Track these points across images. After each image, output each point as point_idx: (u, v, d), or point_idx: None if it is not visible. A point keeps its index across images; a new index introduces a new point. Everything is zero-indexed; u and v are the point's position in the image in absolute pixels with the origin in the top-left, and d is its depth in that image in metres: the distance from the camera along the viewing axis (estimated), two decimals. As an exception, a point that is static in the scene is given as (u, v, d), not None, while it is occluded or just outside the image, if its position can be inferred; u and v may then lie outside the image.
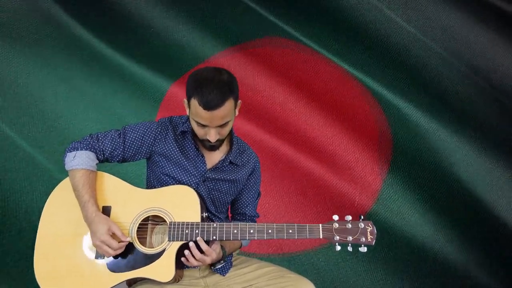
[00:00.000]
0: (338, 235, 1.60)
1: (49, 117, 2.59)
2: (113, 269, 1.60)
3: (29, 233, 1.64)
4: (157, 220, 1.68)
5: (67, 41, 2.70)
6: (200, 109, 1.55)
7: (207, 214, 1.70)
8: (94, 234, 1.59)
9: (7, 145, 2.55)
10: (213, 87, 1.54)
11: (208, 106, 1.54)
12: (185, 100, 1.66)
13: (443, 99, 2.84)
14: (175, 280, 1.62)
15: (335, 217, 1.61)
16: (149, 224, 1.68)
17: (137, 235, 1.64)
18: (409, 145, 2.80)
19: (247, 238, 1.62)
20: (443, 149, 2.79)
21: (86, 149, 1.67)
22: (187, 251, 1.59)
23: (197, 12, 2.83)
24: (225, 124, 1.62)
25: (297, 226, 1.61)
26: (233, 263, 1.80)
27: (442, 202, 2.74)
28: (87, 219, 1.61)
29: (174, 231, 1.60)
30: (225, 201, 1.82)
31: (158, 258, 1.60)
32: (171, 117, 1.80)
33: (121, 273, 1.60)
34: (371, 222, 1.63)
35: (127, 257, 1.62)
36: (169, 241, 1.60)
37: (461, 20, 2.79)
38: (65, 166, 1.67)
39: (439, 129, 2.80)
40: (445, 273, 2.70)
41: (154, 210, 1.65)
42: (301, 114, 2.88)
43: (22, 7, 2.65)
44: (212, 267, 1.71)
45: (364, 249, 1.61)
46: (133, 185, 1.71)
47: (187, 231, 1.60)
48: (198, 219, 1.62)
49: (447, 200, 2.74)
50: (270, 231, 1.61)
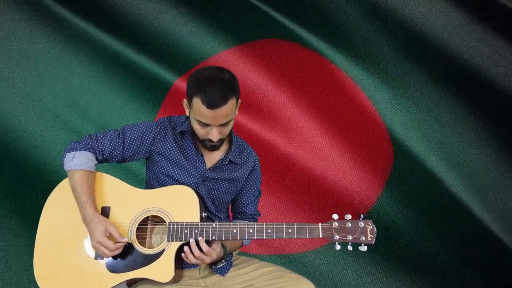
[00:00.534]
0: (337, 234, 1.59)
1: (47, 117, 2.59)
2: (112, 269, 1.60)
3: (30, 234, 1.63)
4: (157, 220, 1.68)
5: (65, 41, 2.69)
6: (203, 108, 1.55)
7: (206, 214, 1.70)
8: (91, 235, 1.59)
9: (1, 146, 2.55)
10: (216, 86, 1.55)
11: (211, 104, 1.54)
12: (184, 100, 1.66)
13: (440, 100, 2.84)
14: (175, 280, 1.62)
15: (335, 216, 1.60)
16: (148, 224, 1.68)
17: (137, 235, 1.63)
18: (409, 147, 2.80)
19: (247, 238, 1.62)
20: (441, 150, 2.80)
21: (85, 150, 1.67)
22: (186, 248, 1.58)
23: (196, 12, 2.83)
24: (227, 123, 1.62)
25: (297, 225, 1.60)
26: (233, 263, 1.80)
27: (440, 202, 2.74)
28: (85, 220, 1.61)
29: (173, 231, 1.60)
30: (225, 201, 1.81)
31: (157, 258, 1.59)
32: (170, 117, 1.80)
33: (121, 273, 1.59)
34: (371, 221, 1.62)
35: (126, 257, 1.61)
36: (168, 241, 1.60)
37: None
38: (64, 166, 1.67)
39: (438, 130, 2.81)
40: (445, 274, 2.69)
41: (153, 210, 1.65)
42: (301, 114, 2.88)
43: (22, 5, 2.66)
44: (213, 266, 1.71)
45: (364, 248, 1.60)
46: (132, 185, 1.70)
47: (186, 231, 1.60)
48: (197, 219, 1.62)
49: (445, 201, 2.74)
50: (269, 230, 1.61)
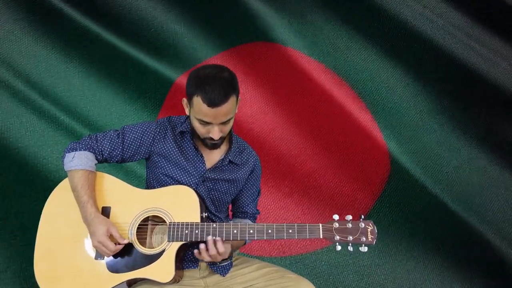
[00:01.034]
0: (338, 235, 1.59)
1: (48, 117, 2.59)
2: (112, 269, 1.60)
3: (27, 235, 1.63)
4: (157, 220, 1.68)
5: (65, 41, 2.70)
6: (204, 106, 1.55)
7: (206, 214, 1.70)
8: (92, 235, 1.59)
9: (2, 146, 2.56)
10: (217, 84, 1.55)
11: (212, 102, 1.54)
12: (184, 99, 1.65)
13: (438, 101, 2.84)
14: (175, 280, 1.61)
15: (336, 216, 1.60)
16: (148, 224, 1.68)
17: (137, 235, 1.63)
18: (405, 149, 2.81)
19: (247, 238, 1.62)
20: (439, 153, 2.80)
21: (85, 150, 1.67)
22: (202, 245, 1.58)
23: (196, 12, 2.85)
24: (228, 121, 1.62)
25: (297, 226, 1.60)
26: (233, 263, 1.79)
27: (438, 204, 2.74)
28: (86, 220, 1.61)
29: (173, 231, 1.60)
30: (225, 201, 1.81)
31: (157, 258, 1.59)
32: (170, 117, 1.80)
33: (121, 273, 1.59)
34: (372, 221, 1.62)
35: (126, 257, 1.61)
36: (168, 241, 1.60)
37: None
38: (64, 166, 1.67)
39: (435, 132, 2.81)
40: (444, 277, 2.68)
41: (153, 210, 1.64)
42: (300, 115, 2.89)
43: (22, 5, 2.67)
44: (215, 266, 1.71)
45: (364, 248, 1.60)
46: (133, 185, 1.70)
47: (186, 231, 1.59)
48: (197, 219, 1.62)
49: (441, 203, 2.74)
50: (270, 231, 1.60)
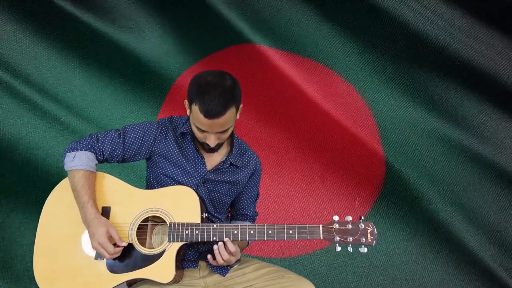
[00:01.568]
0: (338, 236, 1.59)
1: (49, 118, 2.59)
2: (112, 270, 1.60)
3: (28, 234, 1.63)
4: (157, 220, 1.68)
5: (66, 41, 2.71)
6: (200, 116, 1.54)
7: (207, 214, 1.70)
8: (92, 236, 1.58)
9: (3, 146, 2.56)
10: (216, 95, 1.52)
11: (209, 114, 1.53)
12: (186, 101, 1.65)
13: (436, 104, 2.85)
14: (175, 280, 1.61)
15: (335, 217, 1.60)
16: (148, 224, 1.68)
17: (137, 235, 1.63)
18: (401, 150, 2.82)
19: (247, 239, 1.62)
20: (436, 155, 2.81)
21: (85, 150, 1.67)
22: (216, 250, 1.58)
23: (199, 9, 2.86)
24: (225, 130, 1.61)
25: (298, 227, 1.60)
26: (233, 263, 1.80)
27: (436, 205, 2.75)
28: (85, 220, 1.60)
29: (174, 231, 1.60)
30: (225, 202, 1.81)
31: (158, 259, 1.59)
32: (171, 117, 1.80)
33: (121, 273, 1.59)
34: (372, 222, 1.62)
35: (127, 258, 1.61)
36: (169, 241, 1.60)
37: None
38: (64, 166, 1.67)
39: (432, 133, 2.81)
40: (443, 279, 2.69)
41: (154, 210, 1.65)
42: (294, 116, 2.91)
43: (23, 5, 2.67)
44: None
45: (364, 249, 1.60)
46: (133, 186, 1.70)
47: (187, 232, 1.59)
48: (198, 220, 1.62)
49: (441, 205, 2.75)
50: (270, 232, 1.61)
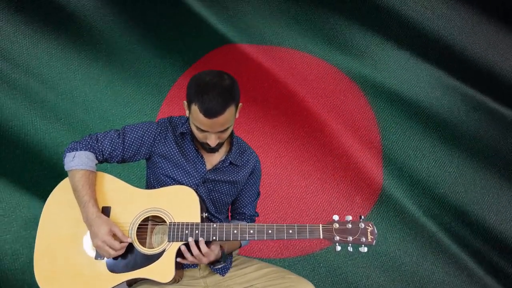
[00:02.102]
0: (338, 235, 1.60)
1: (50, 118, 2.60)
2: (113, 269, 1.60)
3: (34, 227, 1.63)
4: (157, 220, 1.68)
5: (66, 42, 2.72)
6: (200, 116, 1.55)
7: (207, 214, 1.70)
8: (95, 235, 1.58)
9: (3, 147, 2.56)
10: (215, 94, 1.53)
11: (209, 113, 1.53)
12: (185, 102, 1.65)
13: (434, 108, 2.86)
14: (175, 280, 1.62)
15: (335, 217, 1.61)
16: (148, 224, 1.68)
17: (137, 235, 1.63)
18: (402, 150, 2.82)
19: (247, 238, 1.62)
20: (435, 157, 2.81)
21: (85, 150, 1.67)
22: (183, 247, 1.58)
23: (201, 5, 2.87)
24: (225, 129, 1.62)
25: (297, 226, 1.61)
26: (234, 263, 1.79)
27: (434, 207, 2.75)
28: (87, 220, 1.61)
29: (174, 231, 1.60)
30: (225, 202, 1.81)
31: (158, 258, 1.59)
32: (171, 117, 1.80)
33: (121, 273, 1.59)
34: (372, 222, 1.62)
35: (127, 257, 1.61)
36: (169, 241, 1.60)
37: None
38: (65, 166, 1.67)
39: (431, 135, 2.82)
40: (443, 282, 2.69)
41: (153, 210, 1.65)
42: (293, 115, 2.91)
43: (23, 6, 2.67)
44: (211, 267, 1.71)
45: (364, 249, 1.60)
46: (133, 185, 1.70)
47: (187, 232, 1.60)
48: (198, 220, 1.62)
49: (440, 207, 2.75)
50: (270, 231, 1.61)
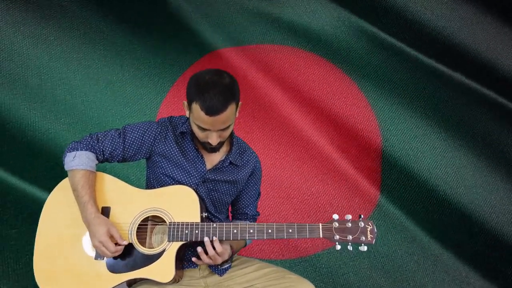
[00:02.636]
0: (338, 234, 1.60)
1: (50, 119, 2.61)
2: (112, 269, 1.60)
3: (28, 234, 1.64)
4: (157, 220, 1.68)
5: (66, 42, 2.72)
6: (202, 114, 1.55)
7: (206, 214, 1.70)
8: (93, 235, 1.59)
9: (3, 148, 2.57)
10: (215, 92, 1.54)
11: (210, 111, 1.54)
12: (185, 102, 1.66)
13: (434, 105, 2.86)
14: (175, 280, 1.62)
15: (335, 216, 1.61)
16: (148, 224, 1.68)
17: (137, 235, 1.63)
18: (403, 151, 2.82)
19: (247, 238, 1.62)
20: (438, 157, 2.81)
21: (85, 149, 1.67)
22: (200, 248, 1.58)
23: (190, 11, 2.86)
24: (227, 127, 1.62)
25: (297, 225, 1.61)
26: (233, 263, 1.79)
27: (435, 208, 2.75)
28: (86, 220, 1.61)
29: (173, 231, 1.60)
30: (225, 202, 1.81)
31: (158, 258, 1.59)
32: (171, 117, 1.80)
33: (121, 273, 1.59)
34: (371, 221, 1.63)
35: (127, 257, 1.61)
36: (169, 241, 1.60)
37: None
38: (65, 166, 1.67)
39: (431, 135, 2.82)
40: (444, 282, 2.69)
41: (153, 210, 1.65)
42: (298, 115, 2.91)
43: (23, 7, 2.68)
44: (212, 268, 1.71)
45: (364, 248, 1.61)
46: (133, 185, 1.70)
47: (186, 232, 1.60)
48: (197, 219, 1.62)
49: (440, 207, 2.75)
50: (270, 231, 1.61)
